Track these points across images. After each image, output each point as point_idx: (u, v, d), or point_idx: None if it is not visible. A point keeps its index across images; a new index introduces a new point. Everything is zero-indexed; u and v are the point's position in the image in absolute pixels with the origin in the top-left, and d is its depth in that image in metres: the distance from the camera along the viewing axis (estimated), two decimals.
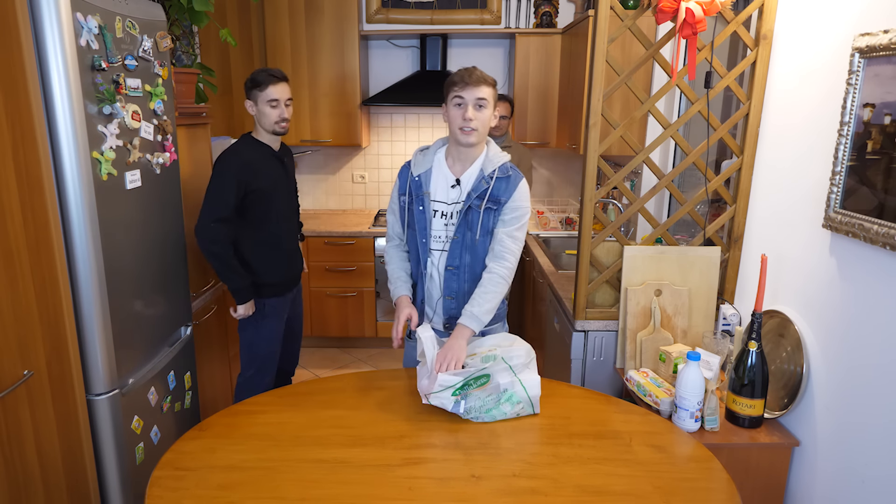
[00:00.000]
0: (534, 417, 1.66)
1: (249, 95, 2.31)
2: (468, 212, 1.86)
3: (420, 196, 1.90)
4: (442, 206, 1.90)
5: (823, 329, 1.68)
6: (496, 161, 1.88)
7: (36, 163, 1.56)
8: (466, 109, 1.77)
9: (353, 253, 3.84)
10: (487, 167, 1.87)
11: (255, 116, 2.35)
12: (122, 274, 1.87)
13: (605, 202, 3.47)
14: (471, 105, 1.77)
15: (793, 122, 1.86)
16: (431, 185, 1.90)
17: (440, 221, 1.90)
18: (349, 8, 3.72)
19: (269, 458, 1.47)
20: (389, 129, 4.29)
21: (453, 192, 1.89)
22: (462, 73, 1.79)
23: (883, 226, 1.41)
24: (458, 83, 1.78)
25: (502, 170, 1.87)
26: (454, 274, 1.91)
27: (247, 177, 2.26)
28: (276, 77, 2.29)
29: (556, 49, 3.74)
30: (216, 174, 2.25)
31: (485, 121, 1.81)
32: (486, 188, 1.85)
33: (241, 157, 2.28)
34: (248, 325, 2.44)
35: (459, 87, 1.78)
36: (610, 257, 2.19)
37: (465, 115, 1.77)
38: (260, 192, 2.31)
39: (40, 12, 1.54)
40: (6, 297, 1.47)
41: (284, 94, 2.31)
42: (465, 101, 1.77)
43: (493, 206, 1.86)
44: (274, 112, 2.30)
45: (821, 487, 1.69)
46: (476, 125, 1.79)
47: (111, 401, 1.83)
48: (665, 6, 1.88)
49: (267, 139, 2.38)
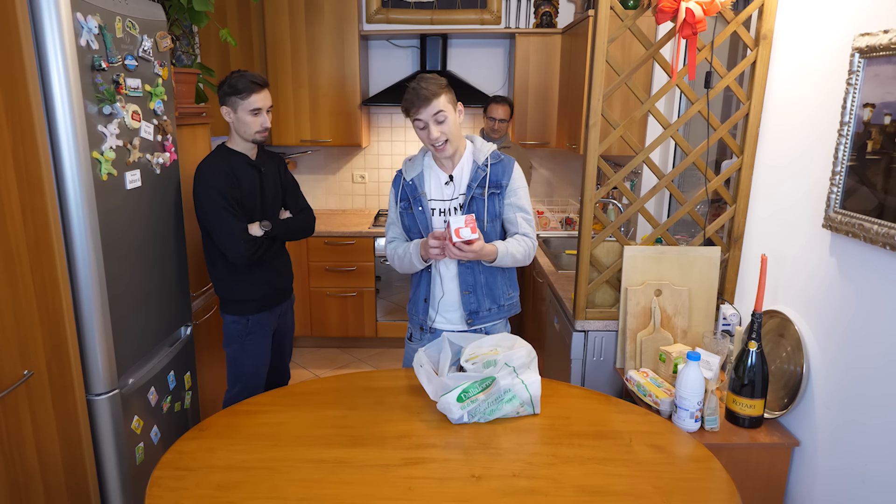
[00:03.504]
0: (534, 417, 1.66)
1: (226, 102, 2.12)
2: (472, 202, 1.90)
3: (417, 197, 1.93)
4: (439, 203, 1.94)
5: (823, 329, 1.68)
6: (485, 150, 1.94)
7: (36, 163, 1.56)
8: (430, 131, 1.80)
9: (353, 253, 3.84)
10: (479, 157, 1.93)
11: (231, 124, 2.17)
12: (122, 274, 1.87)
13: (605, 202, 3.47)
14: (431, 124, 1.80)
15: (793, 122, 1.86)
16: (426, 185, 1.94)
17: (439, 219, 1.93)
18: (349, 8, 3.72)
19: (269, 458, 1.47)
20: (389, 129, 4.29)
21: (447, 188, 1.94)
22: (411, 97, 1.79)
23: (883, 226, 1.41)
24: (412, 108, 1.80)
25: (494, 156, 1.94)
26: (468, 267, 1.94)
27: (228, 187, 2.11)
28: (258, 84, 2.11)
29: (556, 49, 3.74)
30: (206, 198, 2.09)
31: (451, 128, 1.83)
32: (484, 175, 1.90)
33: (219, 169, 2.12)
34: (232, 341, 2.30)
35: (414, 111, 1.80)
36: (610, 257, 2.19)
37: (431, 136, 1.81)
38: (238, 203, 2.15)
39: (40, 12, 1.54)
40: (6, 297, 1.47)
41: (267, 102, 2.15)
42: (424, 121, 1.80)
43: (496, 190, 1.92)
44: (255, 121, 2.13)
45: (821, 487, 1.69)
46: (444, 138, 1.83)
47: (111, 401, 1.83)
48: (665, 6, 1.88)
49: (243, 147, 2.21)
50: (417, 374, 1.74)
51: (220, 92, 2.15)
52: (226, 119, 2.17)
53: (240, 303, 2.26)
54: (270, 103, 2.19)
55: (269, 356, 2.40)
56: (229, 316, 2.28)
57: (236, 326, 2.28)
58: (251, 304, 2.27)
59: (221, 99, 2.14)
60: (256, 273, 2.25)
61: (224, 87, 2.13)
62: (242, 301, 2.26)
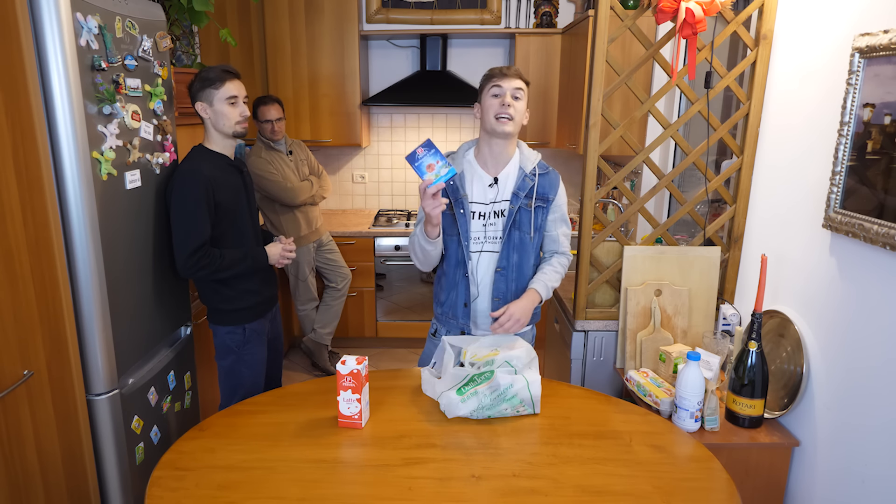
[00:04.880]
0: (534, 417, 1.66)
1: (200, 97, 2.03)
2: (518, 212, 1.86)
3: (459, 199, 1.87)
4: (479, 206, 1.88)
5: (823, 329, 1.68)
6: (533, 158, 1.91)
7: (36, 163, 1.56)
8: (505, 97, 1.79)
9: (354, 253, 3.84)
10: (527, 165, 1.89)
11: (208, 120, 2.06)
12: (122, 274, 1.86)
13: (605, 202, 3.47)
14: (509, 94, 1.79)
15: (793, 122, 1.86)
16: (467, 186, 1.89)
17: (478, 223, 1.88)
18: (349, 8, 3.72)
19: (269, 458, 1.47)
20: (389, 129, 4.29)
21: (490, 191, 1.88)
22: (500, 67, 1.82)
23: (883, 226, 1.41)
24: (497, 75, 1.81)
25: (541, 166, 1.91)
26: (502, 275, 1.90)
27: (212, 193, 2.01)
28: (230, 73, 2.03)
29: (556, 49, 3.74)
30: (181, 199, 1.99)
31: (521, 112, 1.83)
32: (532, 185, 1.87)
33: (202, 171, 2.00)
34: (228, 353, 2.19)
35: (498, 78, 1.81)
36: (610, 257, 2.19)
37: (504, 101, 1.79)
38: (223, 210, 2.06)
39: (40, 12, 1.54)
40: (6, 297, 1.47)
41: (242, 91, 2.06)
42: (504, 89, 1.80)
43: (542, 203, 1.89)
44: (234, 111, 2.04)
45: (821, 487, 1.69)
46: (513, 113, 1.80)
47: (111, 401, 1.83)
48: (665, 6, 1.88)
49: (221, 146, 2.10)
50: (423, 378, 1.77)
51: (191, 90, 2.05)
52: (202, 116, 2.06)
53: (234, 312, 2.16)
54: (245, 93, 2.09)
55: (265, 365, 2.31)
56: (223, 327, 2.18)
57: (232, 337, 2.18)
58: (246, 312, 2.18)
59: (194, 96, 2.04)
60: (247, 280, 2.17)
61: (195, 83, 2.04)
62: (236, 310, 2.16)
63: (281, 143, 3.36)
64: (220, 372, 2.24)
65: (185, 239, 2.00)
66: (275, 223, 3.41)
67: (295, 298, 3.67)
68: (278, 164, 3.32)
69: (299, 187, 3.35)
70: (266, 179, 3.23)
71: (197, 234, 1.99)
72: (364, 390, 1.58)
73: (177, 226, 2.02)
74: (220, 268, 2.05)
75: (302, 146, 3.57)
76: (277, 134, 3.30)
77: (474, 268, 1.91)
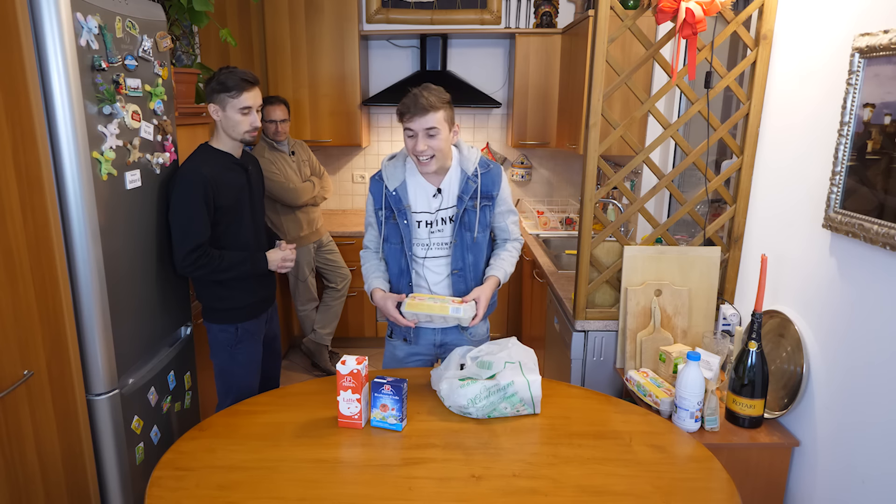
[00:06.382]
0: (534, 417, 1.66)
1: (214, 100, 2.03)
2: (464, 214, 1.86)
3: (402, 210, 1.87)
4: (425, 216, 1.89)
5: (823, 329, 1.68)
6: (472, 158, 1.89)
7: (36, 163, 1.56)
8: (417, 142, 1.74)
9: (354, 253, 3.84)
10: (468, 167, 1.87)
11: (218, 122, 2.07)
12: (122, 274, 1.86)
13: (605, 202, 3.47)
14: (420, 136, 1.74)
15: (793, 123, 1.86)
16: (410, 197, 1.88)
17: (424, 230, 1.89)
18: (349, 8, 3.72)
19: (269, 458, 1.47)
20: (389, 129, 4.29)
21: (435, 200, 1.88)
22: (409, 102, 1.73)
23: (883, 226, 1.41)
24: (406, 114, 1.73)
25: (482, 164, 1.89)
26: (460, 276, 1.91)
27: (212, 194, 2.01)
28: (249, 82, 2.03)
29: (556, 49, 3.74)
30: (181, 198, 2.00)
31: (440, 145, 1.76)
32: (476, 187, 1.86)
33: (202, 172, 2.00)
34: (220, 351, 2.19)
35: (407, 119, 1.73)
36: (610, 257, 2.19)
37: (417, 147, 1.75)
38: (223, 210, 2.06)
39: (40, 12, 1.54)
40: (6, 297, 1.47)
41: (257, 100, 2.07)
42: (415, 132, 1.74)
43: (488, 202, 1.89)
44: (245, 120, 2.05)
45: (821, 487, 1.69)
46: (430, 153, 1.76)
47: (111, 401, 1.83)
48: (665, 6, 1.88)
49: (229, 146, 2.11)
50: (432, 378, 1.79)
51: (207, 89, 2.05)
52: (213, 117, 2.07)
53: (227, 311, 2.17)
54: (261, 101, 2.11)
55: (259, 365, 2.31)
56: (216, 325, 2.18)
57: (225, 336, 2.18)
58: (239, 311, 2.18)
59: (209, 96, 2.05)
60: (244, 280, 2.17)
61: (213, 83, 2.03)
62: (230, 309, 2.17)
63: (284, 143, 3.37)
64: (215, 370, 2.26)
65: (182, 238, 2.02)
66: (276, 223, 3.41)
67: (295, 299, 3.68)
68: (281, 165, 3.32)
69: (301, 188, 3.35)
70: (268, 180, 3.23)
71: (195, 234, 2.01)
72: (364, 390, 1.58)
73: (175, 225, 2.04)
74: (218, 269, 2.07)
75: (304, 147, 3.57)
76: (281, 135, 3.31)
77: (424, 275, 1.91)
